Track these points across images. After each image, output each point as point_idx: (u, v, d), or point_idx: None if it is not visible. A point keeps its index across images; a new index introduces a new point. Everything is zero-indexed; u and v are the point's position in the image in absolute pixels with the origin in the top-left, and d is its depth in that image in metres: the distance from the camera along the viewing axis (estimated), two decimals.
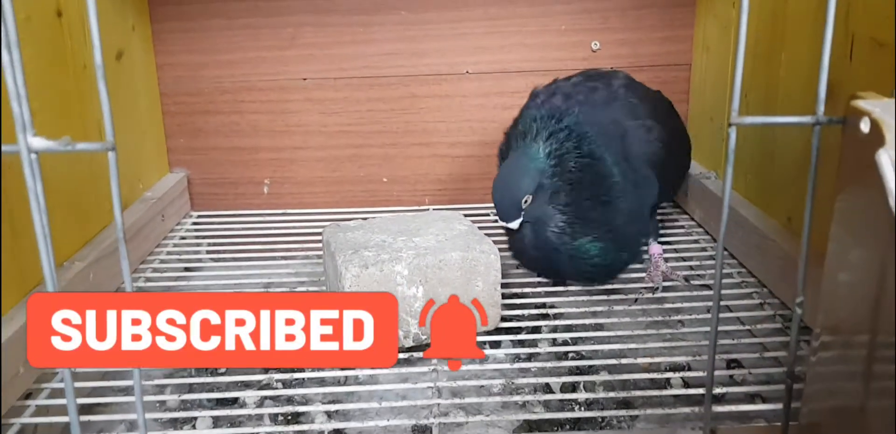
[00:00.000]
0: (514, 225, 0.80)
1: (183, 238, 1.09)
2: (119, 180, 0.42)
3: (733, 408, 0.67)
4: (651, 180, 0.87)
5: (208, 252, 1.10)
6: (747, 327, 0.81)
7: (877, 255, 0.38)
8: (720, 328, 0.81)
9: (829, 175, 0.45)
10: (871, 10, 0.64)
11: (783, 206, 0.83)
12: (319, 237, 0.85)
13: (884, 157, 0.34)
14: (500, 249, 0.78)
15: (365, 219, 0.87)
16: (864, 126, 0.36)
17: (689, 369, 0.77)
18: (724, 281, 0.89)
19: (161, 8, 1.10)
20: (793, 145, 0.81)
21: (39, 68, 0.78)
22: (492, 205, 1.15)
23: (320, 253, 0.90)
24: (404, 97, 1.16)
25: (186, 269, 1.05)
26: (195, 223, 1.14)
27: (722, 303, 0.88)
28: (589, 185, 0.81)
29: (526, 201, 0.79)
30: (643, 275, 0.92)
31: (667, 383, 0.75)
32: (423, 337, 0.75)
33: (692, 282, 0.90)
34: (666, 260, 0.94)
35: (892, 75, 0.60)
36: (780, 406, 0.65)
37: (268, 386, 0.76)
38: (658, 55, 1.13)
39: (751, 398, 0.73)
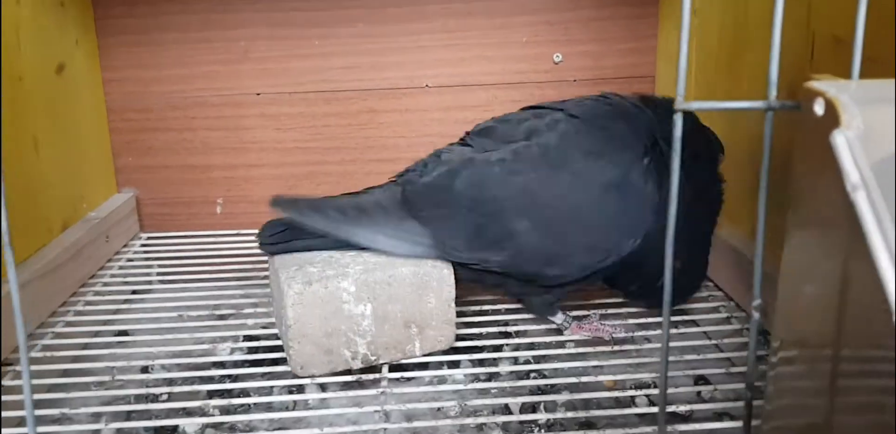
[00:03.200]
0: None
1: (130, 260, 1.04)
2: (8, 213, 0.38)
3: (699, 426, 0.63)
4: None
5: (158, 274, 1.05)
6: (714, 342, 0.78)
7: (838, 253, 0.35)
8: (686, 343, 0.78)
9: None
10: (831, 7, 0.61)
11: (748, 216, 0.80)
12: None
13: (839, 138, 0.31)
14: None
15: None
16: (818, 108, 0.33)
17: (655, 387, 0.73)
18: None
19: (107, 21, 1.06)
20: (756, 152, 0.78)
21: None
22: None
23: None
24: (362, 112, 1.12)
25: (134, 292, 1.00)
26: (144, 245, 1.09)
27: (688, 317, 0.85)
28: None
29: None
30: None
31: (631, 402, 0.72)
32: (373, 358, 0.71)
33: None
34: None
35: (853, 72, 0.58)
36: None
37: (207, 413, 0.71)
38: (622, 67, 1.11)
39: (718, 416, 0.69)
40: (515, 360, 0.80)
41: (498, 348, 0.82)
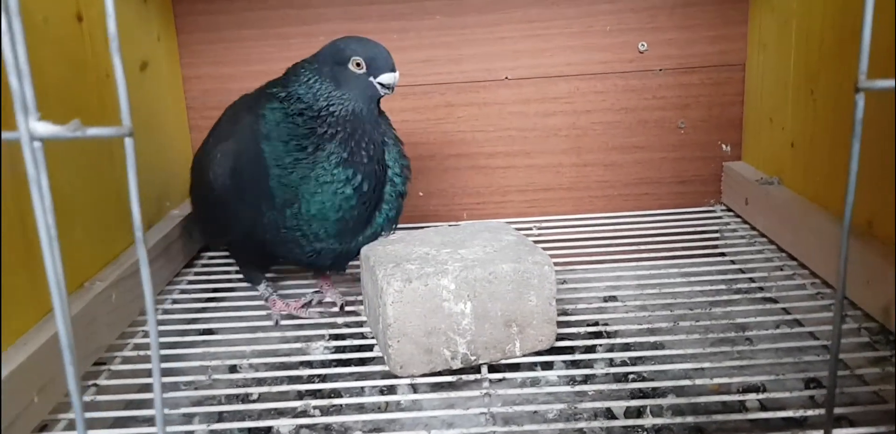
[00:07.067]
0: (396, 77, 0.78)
1: (212, 258, 1.03)
2: (137, 171, 0.36)
3: (816, 433, 0.59)
4: None
5: (236, 271, 1.04)
6: (823, 343, 0.74)
7: None
8: (794, 344, 0.74)
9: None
10: None
11: (862, 210, 0.76)
12: None
13: None
14: (554, 262, 0.72)
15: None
16: None
17: (765, 390, 0.70)
18: (797, 293, 0.82)
19: (188, 18, 1.06)
20: (869, 142, 0.74)
21: (57, 74, 0.73)
22: (536, 218, 1.11)
23: (355, 270, 0.85)
24: (440, 106, 1.10)
25: (215, 290, 0.99)
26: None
27: (794, 316, 0.81)
28: None
29: None
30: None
31: (741, 406, 0.68)
32: (472, 358, 0.68)
33: (756, 295, 0.83)
34: None
35: None
36: (870, 430, 0.58)
37: (304, 413, 0.70)
38: (710, 55, 1.07)
39: (836, 421, 0.65)
40: (611, 362, 0.77)
41: (592, 349, 0.79)
